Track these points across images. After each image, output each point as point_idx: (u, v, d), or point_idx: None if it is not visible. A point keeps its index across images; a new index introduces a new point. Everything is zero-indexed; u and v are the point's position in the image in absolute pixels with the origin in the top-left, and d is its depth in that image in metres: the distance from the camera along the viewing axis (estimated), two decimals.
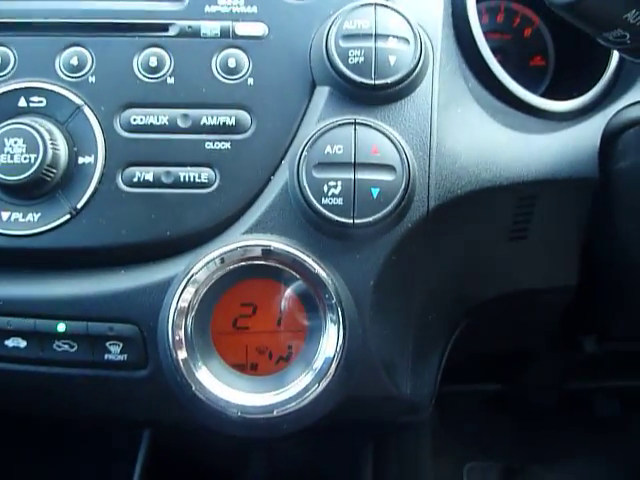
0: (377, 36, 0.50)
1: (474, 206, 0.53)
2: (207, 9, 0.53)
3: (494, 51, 0.77)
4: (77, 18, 0.53)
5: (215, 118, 0.51)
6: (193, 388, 0.47)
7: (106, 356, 0.50)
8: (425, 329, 0.56)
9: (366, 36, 0.50)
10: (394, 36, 0.50)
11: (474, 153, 0.53)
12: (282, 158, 0.51)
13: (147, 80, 0.52)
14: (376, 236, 0.49)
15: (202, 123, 0.51)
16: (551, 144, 0.56)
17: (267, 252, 0.47)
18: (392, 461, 0.96)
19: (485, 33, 0.77)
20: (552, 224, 0.58)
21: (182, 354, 0.48)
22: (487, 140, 0.54)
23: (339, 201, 0.47)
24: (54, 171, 0.50)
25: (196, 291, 0.48)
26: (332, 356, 0.47)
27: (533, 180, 0.54)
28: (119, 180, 0.51)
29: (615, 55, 0.65)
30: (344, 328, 0.48)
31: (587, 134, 0.57)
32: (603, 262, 0.62)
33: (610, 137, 0.57)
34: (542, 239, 0.59)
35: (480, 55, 0.59)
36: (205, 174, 0.51)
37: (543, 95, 0.78)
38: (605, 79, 0.62)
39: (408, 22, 0.51)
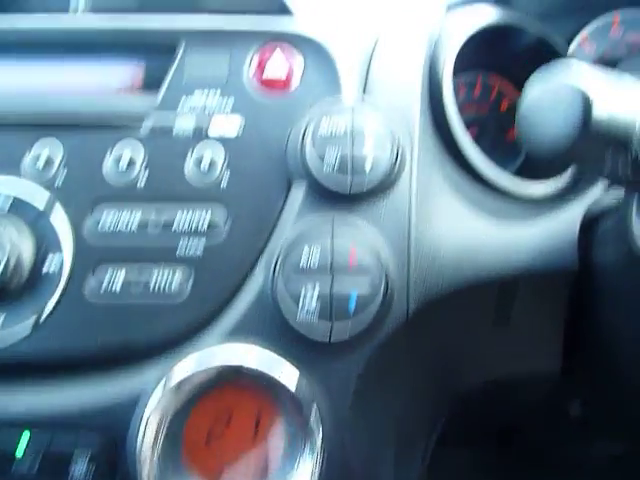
0: (353, 140, 0.49)
1: (455, 301, 0.52)
2: (182, 103, 0.53)
3: (470, 124, 0.78)
4: (47, 113, 0.52)
5: (188, 219, 0.50)
6: None
7: (72, 468, 0.47)
8: (407, 426, 0.54)
9: (342, 140, 0.49)
10: (371, 139, 0.49)
11: (453, 249, 0.52)
12: (259, 257, 0.49)
13: (119, 178, 0.51)
14: (355, 344, 0.47)
15: (175, 224, 0.50)
16: (531, 233, 0.56)
17: (239, 372, 0.45)
18: None
19: (462, 106, 0.79)
20: (534, 310, 0.57)
21: (152, 469, 0.45)
22: (466, 234, 0.53)
23: (316, 308, 0.46)
24: (18, 277, 0.48)
25: (166, 408, 0.45)
26: (310, 474, 0.45)
27: (514, 273, 0.53)
28: (86, 286, 0.49)
29: None
30: (322, 440, 0.46)
31: (566, 222, 0.57)
32: (585, 345, 0.61)
33: (588, 226, 0.57)
34: (525, 324, 0.58)
35: (456, 139, 0.58)
36: (177, 278, 0.49)
37: (521, 168, 0.79)
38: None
39: (384, 124, 0.50)
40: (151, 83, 0.53)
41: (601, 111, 0.32)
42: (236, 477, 0.47)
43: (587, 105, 0.31)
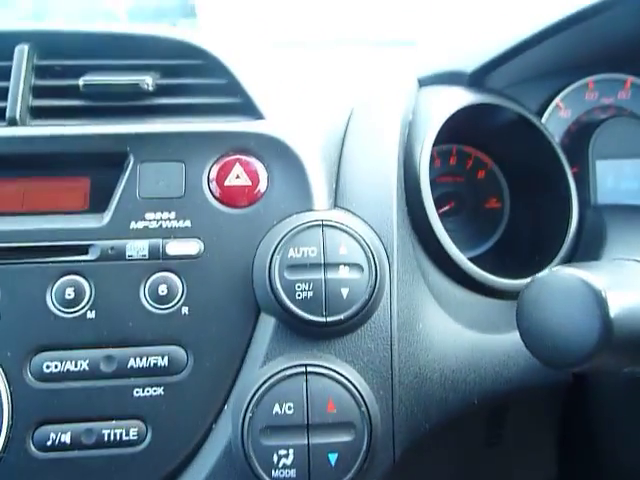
0: (326, 266, 0.44)
1: (443, 432, 0.48)
2: (133, 225, 0.47)
3: (447, 197, 0.75)
4: None
5: (145, 359, 0.44)
6: None
7: None
8: None
9: (314, 266, 0.44)
10: (345, 264, 0.45)
11: (440, 373, 0.48)
12: (224, 403, 0.44)
13: (63, 316, 0.45)
14: None
15: (129, 366, 0.44)
16: (520, 344, 0.52)
17: None
18: None
19: (437, 177, 0.75)
20: (526, 425, 0.54)
21: None
22: (453, 353, 0.49)
23: (291, 473, 0.41)
24: None
25: None
26: None
27: (504, 391, 0.50)
28: (30, 444, 0.43)
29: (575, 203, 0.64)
30: None
31: None
32: (577, 453, 0.58)
33: None
34: (517, 441, 0.54)
35: (437, 239, 0.54)
36: (134, 429, 0.43)
37: (501, 240, 0.76)
38: (562, 254, 0.60)
39: (360, 244, 0.46)
40: (97, 201, 0.48)
41: (618, 309, 0.28)
42: None
43: (603, 304, 0.27)
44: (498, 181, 0.76)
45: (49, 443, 0.43)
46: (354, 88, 0.65)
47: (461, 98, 0.61)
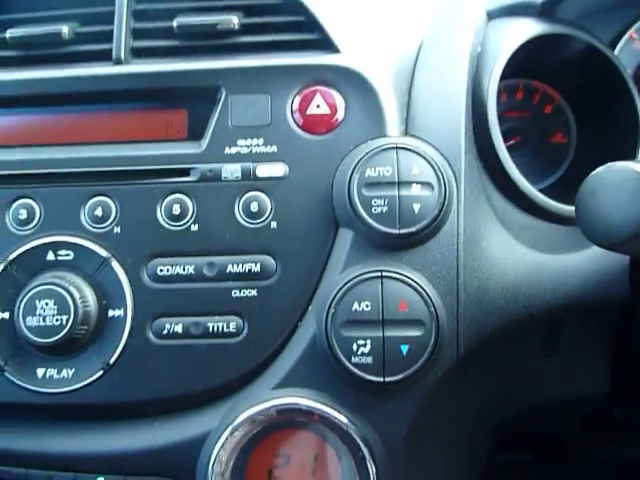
0: (400, 184, 0.49)
1: (503, 338, 0.52)
2: (227, 151, 0.53)
3: (513, 131, 0.76)
4: (98, 166, 0.54)
5: (240, 265, 0.51)
6: None
7: None
8: (459, 455, 0.56)
9: (389, 184, 0.49)
10: (417, 182, 0.49)
11: (501, 286, 0.52)
12: (308, 304, 0.51)
13: (171, 228, 0.52)
14: (406, 388, 0.49)
15: (228, 271, 0.52)
16: (579, 264, 0.55)
17: (297, 411, 0.48)
18: None
19: (503, 112, 0.77)
20: (582, 340, 0.58)
21: None
22: (514, 269, 0.53)
23: (369, 360, 0.47)
24: (86, 328, 0.50)
25: (231, 449, 0.48)
26: None
27: (561, 305, 0.53)
28: (149, 333, 0.51)
29: None
30: (377, 476, 0.48)
31: None
32: (632, 368, 0.61)
33: None
34: (572, 353, 0.58)
35: (504, 170, 0.58)
36: (233, 323, 0.51)
37: (567, 173, 0.77)
38: None
39: (431, 165, 0.50)
40: (195, 129, 0.54)
41: None
42: None
43: None
44: (565, 116, 0.76)
45: (165, 332, 0.51)
46: (424, 20, 0.67)
47: (531, 28, 0.62)
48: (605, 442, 0.94)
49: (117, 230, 0.52)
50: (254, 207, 0.52)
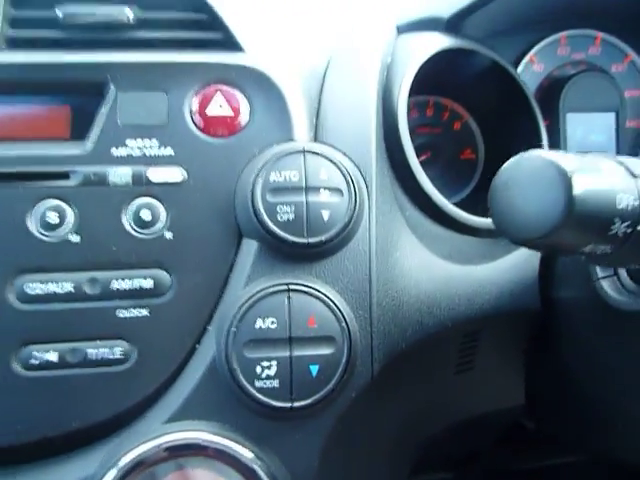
0: (307, 189, 0.46)
1: (419, 352, 0.50)
2: (115, 152, 0.47)
3: (424, 147, 0.76)
4: None
5: (129, 281, 0.45)
6: None
7: None
8: (376, 476, 0.52)
9: (295, 189, 0.45)
10: (326, 188, 0.46)
11: (416, 298, 0.50)
12: (207, 323, 0.45)
13: (45, 239, 0.45)
14: (318, 412, 0.44)
15: (113, 288, 0.45)
16: (492, 274, 0.55)
17: (193, 447, 0.41)
18: None
19: (415, 127, 0.77)
20: (497, 353, 0.56)
21: None
22: (429, 281, 0.51)
23: (274, 383, 0.42)
24: None
25: None
26: None
27: (477, 316, 0.52)
28: (14, 364, 0.43)
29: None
30: None
31: (526, 260, 0.56)
32: (548, 381, 0.61)
33: (548, 262, 0.56)
34: (489, 367, 0.57)
35: (416, 181, 0.56)
36: (119, 349, 0.44)
37: (476, 188, 0.78)
38: None
39: (340, 170, 0.47)
40: (79, 128, 0.48)
41: (582, 187, 0.30)
42: None
43: (567, 182, 0.29)
44: (473, 132, 0.78)
45: (35, 362, 0.43)
46: (334, 33, 0.66)
47: (438, 42, 0.63)
48: (522, 455, 0.95)
49: None
50: (145, 215, 0.46)
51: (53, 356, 0.43)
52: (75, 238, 0.45)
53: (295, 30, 0.63)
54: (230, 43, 0.52)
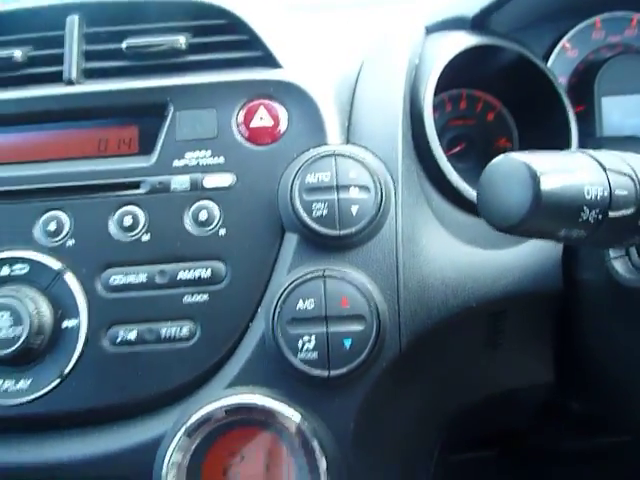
0: (338, 188, 0.52)
1: (446, 330, 0.55)
2: (175, 163, 0.56)
3: (459, 139, 0.80)
4: (52, 182, 0.56)
5: (191, 272, 0.54)
6: None
7: None
8: (410, 446, 0.58)
9: (328, 188, 0.52)
10: (355, 186, 0.52)
11: (441, 281, 0.55)
12: (258, 305, 0.53)
13: (123, 239, 0.55)
14: (353, 380, 0.51)
15: (179, 278, 0.54)
16: (515, 257, 0.58)
17: (246, 409, 0.50)
18: None
19: (449, 121, 0.81)
20: (524, 331, 0.60)
21: None
22: (454, 265, 0.56)
23: (314, 355, 0.50)
24: (41, 338, 0.52)
25: (185, 449, 0.50)
26: None
27: (500, 298, 0.56)
28: (103, 341, 0.53)
29: (575, 140, 0.68)
30: (328, 469, 0.50)
31: (549, 245, 0.59)
32: (574, 357, 0.64)
33: (571, 246, 0.59)
34: (516, 345, 0.61)
35: (442, 172, 0.61)
36: (186, 328, 0.53)
37: None
38: None
39: (367, 170, 0.53)
40: (145, 144, 0.57)
41: (549, 184, 0.35)
42: None
43: (536, 180, 0.34)
44: (507, 122, 0.80)
45: (119, 340, 0.53)
46: (365, 40, 0.71)
47: (463, 40, 0.67)
48: (569, 436, 0.97)
49: (70, 243, 0.54)
50: (203, 216, 0.55)
51: (133, 334, 0.53)
52: (146, 237, 0.54)
53: (328, 39, 0.69)
54: (269, 60, 0.59)
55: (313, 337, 0.50)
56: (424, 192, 0.59)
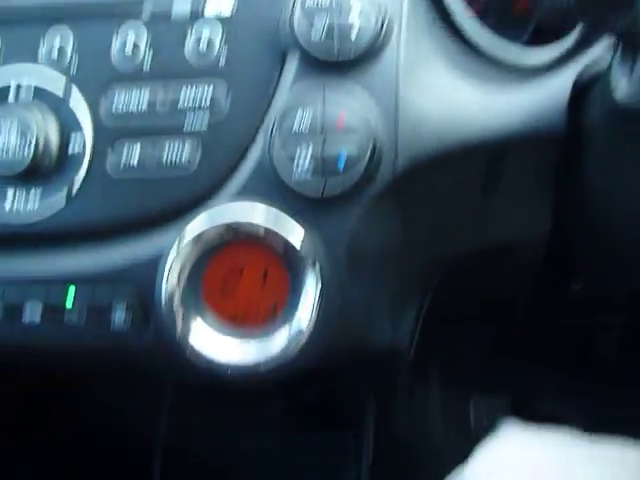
0: (340, 9, 0.52)
1: (442, 166, 0.56)
2: None
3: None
4: (55, 4, 0.56)
5: (193, 94, 0.55)
6: (189, 341, 0.53)
7: (113, 316, 0.56)
8: (399, 283, 0.60)
9: (327, 11, 0.52)
10: (356, 9, 0.52)
11: (441, 113, 0.55)
12: (258, 128, 0.54)
13: (126, 61, 0.55)
14: (347, 199, 0.52)
15: (181, 100, 0.55)
16: (521, 98, 0.57)
17: (247, 226, 0.52)
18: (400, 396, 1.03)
19: None
20: (523, 178, 0.60)
21: (178, 310, 0.54)
22: (454, 99, 0.56)
23: (308, 175, 0.51)
24: (48, 157, 0.54)
25: (186, 260, 0.53)
26: (310, 312, 0.52)
27: (500, 136, 0.56)
28: (108, 160, 0.55)
29: None
30: (322, 285, 0.53)
31: (557, 87, 0.58)
32: (575, 212, 0.64)
33: (580, 90, 0.57)
34: (513, 192, 0.61)
35: (447, 6, 0.60)
36: (187, 150, 0.55)
37: (528, 42, 0.78)
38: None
39: None
40: None
41: None
42: (249, 317, 0.54)
43: None
44: None
45: (123, 158, 0.55)
46: None
47: None
48: (566, 315, 0.99)
49: (75, 62, 0.55)
50: (204, 41, 0.55)
51: (136, 153, 0.55)
52: (148, 61, 0.55)
53: None
54: None
55: (309, 150, 0.51)
56: (430, 29, 0.58)
